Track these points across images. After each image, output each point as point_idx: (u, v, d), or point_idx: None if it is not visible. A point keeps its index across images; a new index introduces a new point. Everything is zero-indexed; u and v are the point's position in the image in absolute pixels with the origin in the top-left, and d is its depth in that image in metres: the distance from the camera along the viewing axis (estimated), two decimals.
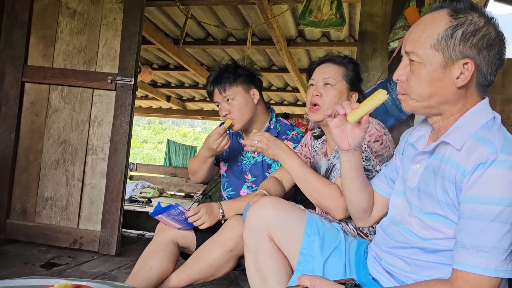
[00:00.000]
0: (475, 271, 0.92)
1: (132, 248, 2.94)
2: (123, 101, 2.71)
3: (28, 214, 2.79)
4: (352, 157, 1.23)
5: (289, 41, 5.16)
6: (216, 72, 1.99)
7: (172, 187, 7.78)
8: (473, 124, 1.03)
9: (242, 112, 1.95)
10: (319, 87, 1.63)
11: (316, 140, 1.86)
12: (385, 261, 1.19)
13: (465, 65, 1.01)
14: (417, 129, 1.23)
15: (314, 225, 1.31)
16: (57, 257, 2.54)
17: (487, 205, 0.92)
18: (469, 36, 1.00)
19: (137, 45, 2.71)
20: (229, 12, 4.47)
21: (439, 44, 1.01)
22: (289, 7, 4.09)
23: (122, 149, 2.71)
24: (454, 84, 1.02)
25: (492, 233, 0.91)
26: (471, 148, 0.98)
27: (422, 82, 1.04)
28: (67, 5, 2.81)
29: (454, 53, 1.01)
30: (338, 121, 1.18)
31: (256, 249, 1.35)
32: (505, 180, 0.92)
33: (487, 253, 0.91)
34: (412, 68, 1.06)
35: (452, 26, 1.01)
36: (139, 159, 20.30)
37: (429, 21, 1.05)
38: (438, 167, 1.06)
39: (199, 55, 6.21)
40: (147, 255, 1.80)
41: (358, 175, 1.26)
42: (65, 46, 2.80)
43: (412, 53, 1.05)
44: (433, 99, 1.05)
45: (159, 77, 7.61)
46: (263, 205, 1.35)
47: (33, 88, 2.83)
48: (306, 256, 1.25)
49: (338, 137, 1.20)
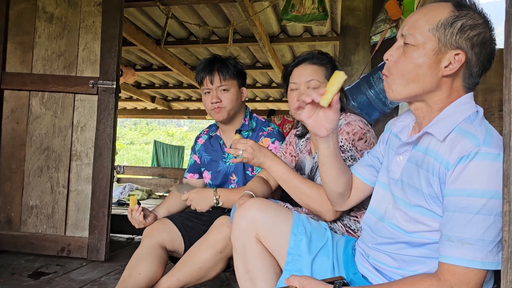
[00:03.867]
0: (461, 264, 0.92)
1: (122, 253, 2.92)
2: (105, 105, 2.68)
3: (13, 224, 2.74)
4: (330, 142, 1.22)
5: (272, 38, 5.16)
6: (218, 60, 2.05)
7: (160, 188, 7.73)
8: (457, 116, 1.04)
9: (232, 104, 2.01)
10: (302, 91, 1.61)
11: (299, 138, 1.86)
12: (373, 257, 1.19)
13: (456, 56, 1.03)
14: (402, 119, 1.24)
15: (301, 224, 1.31)
16: (45, 265, 2.51)
17: (471, 198, 0.93)
18: (467, 29, 1.02)
19: (117, 48, 2.68)
20: (211, 11, 4.45)
21: (437, 30, 1.03)
22: (270, 3, 4.08)
23: (107, 154, 2.68)
24: (441, 72, 1.04)
25: (476, 225, 0.92)
26: (454, 141, 0.99)
27: (411, 63, 1.05)
28: (44, 9, 2.76)
29: (449, 42, 1.02)
30: (308, 110, 1.18)
31: (245, 251, 1.35)
32: (488, 172, 0.93)
33: (473, 246, 0.92)
34: (405, 49, 1.06)
35: (454, 16, 1.03)
36: (126, 161, 20.13)
37: (432, 7, 1.07)
38: (421, 159, 1.07)
39: (182, 55, 6.17)
40: (135, 261, 1.79)
41: (336, 160, 1.26)
42: (44, 51, 2.75)
43: (409, 35, 1.06)
44: (417, 85, 1.06)
45: (142, 78, 7.55)
46: (249, 207, 1.35)
47: (13, 95, 2.77)
48: (294, 256, 1.25)
49: (314, 126, 1.19)
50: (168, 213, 2.07)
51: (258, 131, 2.07)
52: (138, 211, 1.91)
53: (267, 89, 7.81)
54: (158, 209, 2.08)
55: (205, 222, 1.96)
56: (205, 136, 2.24)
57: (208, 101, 2.01)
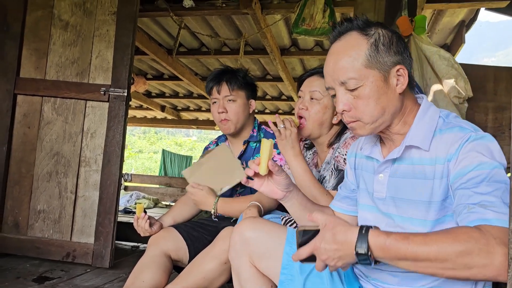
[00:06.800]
0: (495, 224, 0.87)
1: (126, 261, 2.91)
2: (116, 112, 2.71)
3: (20, 228, 2.76)
4: (294, 199, 1.28)
5: (282, 51, 5.19)
6: (228, 71, 2.08)
7: (167, 197, 7.75)
8: (430, 123, 1.08)
9: (238, 116, 2.03)
10: (305, 100, 1.67)
11: (308, 150, 1.88)
12: (373, 278, 1.18)
13: (398, 72, 1.07)
14: (365, 142, 1.25)
15: (294, 242, 1.29)
16: (49, 270, 2.51)
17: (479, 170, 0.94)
18: (389, 45, 1.07)
19: (130, 56, 2.71)
20: (223, 22, 4.50)
21: (370, 62, 1.05)
22: (282, 16, 4.12)
23: (115, 161, 2.70)
24: (396, 91, 1.07)
25: (493, 189, 0.92)
26: (446, 138, 1.03)
27: (371, 101, 1.06)
28: (60, 17, 2.82)
29: (386, 64, 1.06)
30: (257, 181, 1.25)
31: (239, 271, 1.36)
32: (489, 148, 0.97)
33: (496, 207, 0.89)
34: (355, 93, 1.07)
35: (372, 43, 1.06)
36: (134, 170, 20.21)
37: (345, 47, 1.09)
38: (411, 170, 1.08)
39: (193, 65, 6.22)
40: (139, 269, 1.79)
41: (305, 209, 1.30)
42: (58, 58, 2.80)
43: (350, 80, 1.06)
44: (386, 113, 1.08)
45: (153, 87, 7.61)
46: (244, 229, 1.35)
47: (26, 100, 2.82)
48: (287, 276, 1.23)
49: (269, 192, 1.26)
50: (174, 222, 2.07)
51: None
52: (144, 219, 1.92)
53: (277, 102, 7.83)
54: (164, 218, 2.08)
55: (211, 232, 1.95)
56: (213, 146, 2.25)
57: (215, 111, 2.05)
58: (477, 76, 2.74)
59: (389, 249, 0.89)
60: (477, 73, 2.76)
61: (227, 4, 3.85)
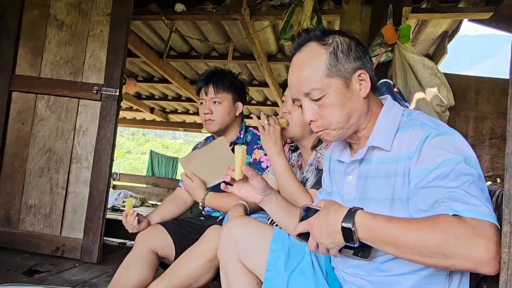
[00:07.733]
0: (464, 215, 0.85)
1: (113, 256, 2.94)
2: (108, 111, 2.77)
3: (12, 221, 2.80)
4: (271, 201, 1.32)
5: (269, 57, 5.24)
6: (216, 73, 2.11)
7: (154, 197, 7.80)
8: (392, 123, 1.09)
9: (223, 118, 2.08)
10: (288, 104, 1.73)
11: (293, 152, 1.94)
12: (349, 281, 1.19)
13: (359, 76, 1.09)
14: (336, 145, 1.28)
15: (279, 241, 1.32)
16: (39, 264, 2.55)
17: (446, 167, 0.93)
18: (348, 52, 1.09)
19: (123, 57, 2.78)
20: (213, 27, 4.57)
21: (331, 71, 1.07)
22: (270, 23, 4.20)
23: (106, 159, 2.75)
24: (361, 95, 1.10)
25: (462, 184, 0.90)
26: (409, 135, 1.03)
27: (336, 109, 1.08)
28: (55, 16, 2.88)
29: (347, 71, 1.08)
30: (236, 186, 1.30)
31: (227, 268, 1.39)
32: (452, 142, 0.97)
33: (463, 198, 0.88)
34: (320, 103, 1.09)
35: (331, 52, 1.09)
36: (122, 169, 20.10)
37: (305, 58, 1.11)
38: (376, 170, 1.09)
39: (183, 69, 6.28)
40: (127, 265, 1.81)
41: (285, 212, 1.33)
42: (53, 56, 2.86)
43: (313, 90, 1.09)
44: (352, 118, 1.10)
45: (143, 89, 7.64)
46: (233, 227, 1.38)
47: (20, 97, 2.87)
48: (272, 273, 1.25)
49: (247, 196, 1.30)
50: (161, 219, 2.09)
51: (253, 144, 2.12)
52: (133, 216, 1.93)
53: (262, 106, 7.88)
54: (152, 216, 2.09)
55: (197, 231, 1.96)
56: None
57: (202, 111, 2.10)
58: (459, 85, 2.80)
59: (373, 229, 0.90)
60: (459, 82, 2.82)
61: (217, 10, 3.92)
